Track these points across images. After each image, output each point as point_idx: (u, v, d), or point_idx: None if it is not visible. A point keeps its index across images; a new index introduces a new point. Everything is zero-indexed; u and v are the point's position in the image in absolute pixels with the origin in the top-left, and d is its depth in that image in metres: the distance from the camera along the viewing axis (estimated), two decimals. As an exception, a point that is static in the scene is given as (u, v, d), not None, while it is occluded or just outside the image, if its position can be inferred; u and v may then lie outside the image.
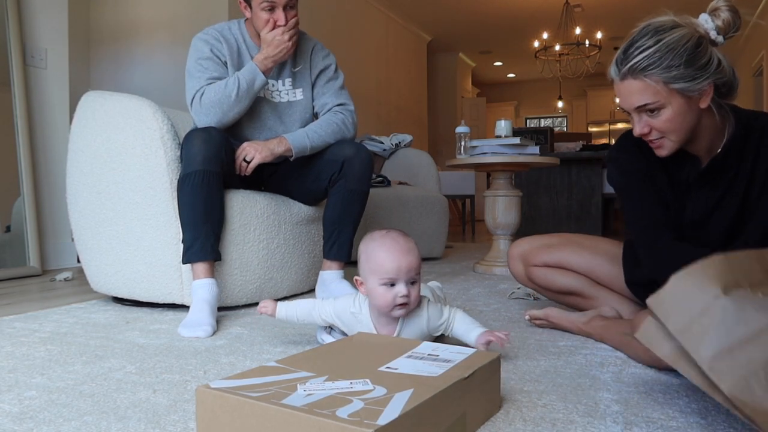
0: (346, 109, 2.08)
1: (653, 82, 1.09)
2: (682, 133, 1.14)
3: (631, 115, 1.17)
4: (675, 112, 1.11)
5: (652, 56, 1.09)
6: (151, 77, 4.35)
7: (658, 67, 1.08)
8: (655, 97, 1.10)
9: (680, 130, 1.14)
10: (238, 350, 1.40)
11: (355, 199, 2.00)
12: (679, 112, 1.11)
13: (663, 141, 1.16)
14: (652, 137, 1.16)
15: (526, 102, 12.14)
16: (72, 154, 2.01)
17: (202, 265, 1.74)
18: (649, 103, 1.11)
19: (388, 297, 1.22)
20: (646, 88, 1.10)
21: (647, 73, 1.09)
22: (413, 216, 3.33)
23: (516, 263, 1.74)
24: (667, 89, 1.09)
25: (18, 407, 1.02)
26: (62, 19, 3.16)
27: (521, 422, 0.94)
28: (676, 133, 1.14)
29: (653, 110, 1.12)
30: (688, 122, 1.13)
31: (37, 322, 1.72)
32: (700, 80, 1.09)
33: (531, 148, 2.78)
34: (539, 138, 5.56)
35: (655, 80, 1.09)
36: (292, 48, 1.93)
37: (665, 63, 1.08)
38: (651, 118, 1.13)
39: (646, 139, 1.17)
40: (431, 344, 1.07)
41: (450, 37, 8.46)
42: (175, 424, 0.94)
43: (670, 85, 1.09)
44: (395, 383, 0.84)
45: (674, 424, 0.94)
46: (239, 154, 1.90)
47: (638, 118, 1.15)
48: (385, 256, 1.22)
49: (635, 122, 1.16)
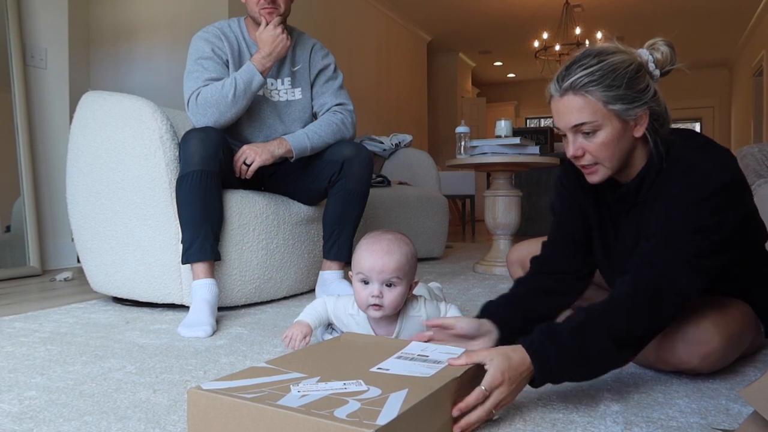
0: (345, 109, 2.08)
1: (594, 99, 1.07)
2: (614, 160, 1.11)
3: (565, 137, 1.14)
4: (610, 135, 1.09)
5: (594, 73, 1.07)
6: (151, 77, 4.35)
7: (600, 85, 1.06)
8: (593, 116, 1.08)
9: (613, 157, 1.11)
10: (238, 350, 1.40)
11: (354, 200, 2.00)
12: (614, 136, 1.09)
13: (596, 167, 1.13)
14: (584, 162, 1.13)
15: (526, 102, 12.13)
16: (72, 154, 2.01)
17: (202, 265, 1.74)
18: (586, 122, 1.08)
19: (363, 295, 1.24)
20: (585, 105, 1.08)
21: (588, 89, 1.07)
22: (413, 216, 3.33)
23: (515, 269, 1.74)
24: (606, 110, 1.07)
25: (18, 407, 1.02)
26: (62, 19, 3.16)
27: (521, 422, 0.94)
28: (609, 159, 1.11)
29: (589, 132, 1.09)
30: (621, 149, 1.11)
31: (37, 322, 1.72)
32: (638, 105, 1.08)
33: (531, 148, 2.78)
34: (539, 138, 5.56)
35: (596, 98, 1.07)
36: (289, 43, 1.93)
37: (607, 82, 1.06)
38: (586, 141, 1.10)
39: (578, 163, 1.14)
40: (420, 344, 1.07)
41: (450, 37, 8.46)
42: (175, 424, 0.94)
43: (609, 105, 1.07)
44: (389, 384, 0.84)
45: (674, 424, 0.94)
46: (239, 158, 1.90)
47: (573, 139, 1.12)
48: (363, 253, 1.24)
49: (570, 143, 1.13)
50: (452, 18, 7.61)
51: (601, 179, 1.14)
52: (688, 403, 1.03)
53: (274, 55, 1.92)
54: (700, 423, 0.94)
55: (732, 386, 1.12)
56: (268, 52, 1.90)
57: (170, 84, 4.12)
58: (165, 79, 4.24)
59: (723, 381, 1.15)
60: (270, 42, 1.90)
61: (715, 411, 0.99)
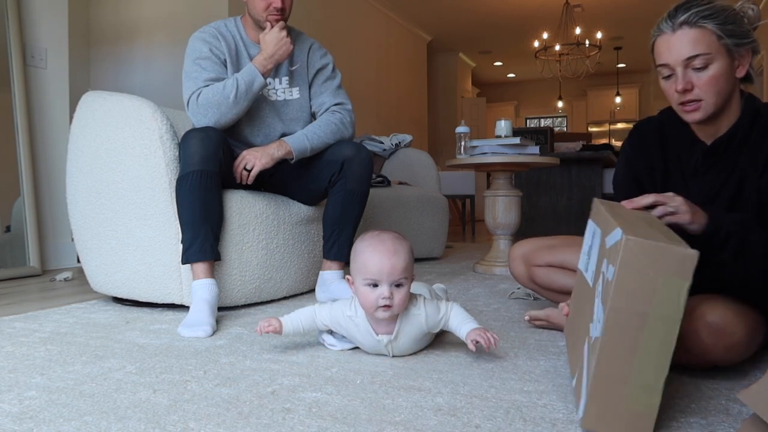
0: (344, 109, 2.08)
1: (709, 32, 1.14)
2: (719, 96, 1.18)
3: (673, 74, 1.19)
4: (720, 69, 1.16)
5: (709, 9, 1.15)
6: (151, 77, 4.35)
7: (715, 19, 1.14)
8: (708, 48, 1.14)
9: (718, 93, 1.17)
10: (238, 350, 1.40)
11: (354, 200, 2.00)
12: (723, 71, 1.16)
13: (700, 104, 1.18)
14: (691, 96, 1.18)
15: (526, 102, 12.13)
16: (72, 154, 2.01)
17: (202, 265, 1.74)
18: (700, 54, 1.15)
19: (371, 298, 1.23)
20: (701, 37, 1.14)
21: (704, 22, 1.14)
22: (413, 216, 3.33)
23: (518, 264, 1.74)
24: (718, 44, 1.15)
25: (18, 407, 1.02)
26: (62, 19, 3.16)
27: (521, 422, 0.94)
28: (715, 95, 1.17)
29: (700, 67, 1.16)
30: (726, 87, 1.18)
31: (37, 322, 1.72)
32: (746, 42, 1.17)
33: (531, 148, 2.78)
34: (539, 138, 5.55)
35: (710, 31, 1.14)
36: (291, 47, 1.93)
37: (721, 17, 1.15)
38: (696, 74, 1.16)
39: (685, 99, 1.19)
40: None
41: (450, 37, 8.46)
42: (175, 424, 0.94)
43: (722, 40, 1.15)
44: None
45: (674, 424, 0.94)
46: (239, 163, 1.90)
47: (683, 74, 1.17)
48: (369, 256, 1.23)
49: (679, 77, 1.17)
50: (452, 18, 7.61)
51: (702, 117, 1.19)
52: (688, 403, 1.03)
53: (276, 58, 1.92)
54: (700, 423, 0.94)
55: (732, 386, 1.12)
56: (271, 54, 1.91)
57: (170, 84, 4.12)
58: (165, 79, 4.24)
59: (723, 381, 1.15)
60: (274, 44, 1.90)
61: (715, 411, 0.99)
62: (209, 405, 1.03)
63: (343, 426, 0.93)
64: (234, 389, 1.11)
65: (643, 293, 0.85)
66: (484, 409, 1.00)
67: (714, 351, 1.11)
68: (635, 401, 0.86)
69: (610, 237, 0.93)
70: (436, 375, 1.20)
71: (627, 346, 0.86)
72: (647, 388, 0.86)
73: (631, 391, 0.86)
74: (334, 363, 1.29)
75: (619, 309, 0.85)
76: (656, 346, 0.85)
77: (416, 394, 1.09)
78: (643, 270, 0.85)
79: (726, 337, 1.10)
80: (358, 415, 0.98)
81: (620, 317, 0.86)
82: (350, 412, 0.99)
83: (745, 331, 1.11)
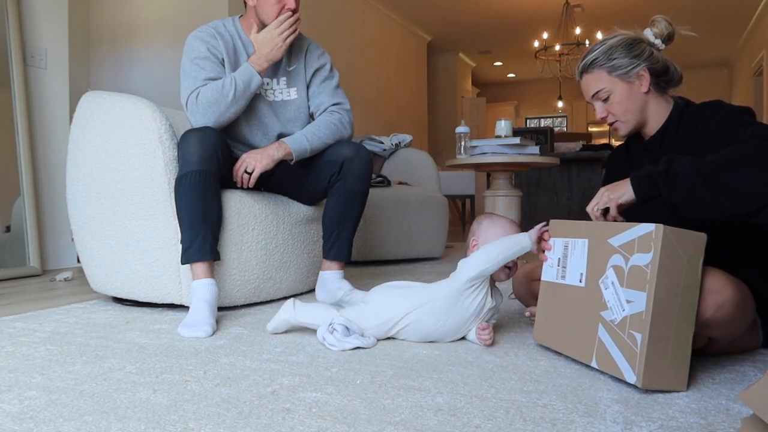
0: (343, 109, 2.08)
1: (600, 72, 1.42)
2: (630, 114, 1.42)
3: (594, 106, 1.47)
4: (620, 95, 1.41)
5: (597, 55, 1.42)
6: (151, 77, 4.35)
7: (600, 62, 1.41)
8: (603, 84, 1.42)
9: (629, 111, 1.42)
10: (238, 350, 1.40)
11: (354, 200, 2.00)
12: (624, 95, 1.41)
13: (618, 123, 1.45)
14: (609, 120, 1.45)
15: (526, 102, 12.13)
16: (72, 154, 2.01)
17: (201, 265, 1.74)
18: (599, 90, 1.43)
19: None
20: (596, 78, 1.43)
21: (594, 67, 1.43)
22: (413, 216, 3.33)
23: (520, 285, 1.76)
24: (610, 77, 1.41)
25: (18, 407, 1.02)
26: (62, 19, 3.16)
27: (521, 422, 0.94)
28: (625, 114, 1.42)
29: (605, 98, 1.43)
30: (635, 104, 1.42)
31: (37, 322, 1.72)
32: (633, 67, 1.39)
33: (531, 148, 2.78)
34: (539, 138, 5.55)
35: (601, 71, 1.42)
36: (285, 45, 1.93)
37: (605, 57, 1.41)
38: (606, 104, 1.44)
39: (606, 122, 1.46)
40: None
41: (450, 37, 8.46)
42: (175, 424, 0.94)
43: (613, 73, 1.40)
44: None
45: (674, 424, 0.94)
46: (239, 166, 1.90)
47: (598, 106, 1.46)
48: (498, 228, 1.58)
49: (596, 109, 1.46)
50: (452, 18, 7.61)
51: (626, 131, 1.46)
52: (688, 403, 1.03)
53: (270, 57, 1.92)
54: (700, 423, 0.94)
55: (732, 386, 1.12)
56: (264, 53, 1.91)
57: (170, 84, 4.12)
58: (165, 79, 4.24)
59: (723, 381, 1.15)
60: (266, 43, 1.91)
61: (715, 411, 0.99)
62: (209, 405, 1.03)
63: (343, 426, 0.93)
64: (234, 389, 1.11)
65: (675, 269, 1.08)
66: (484, 409, 1.00)
67: (705, 312, 1.11)
68: (675, 356, 1.08)
69: (623, 236, 1.15)
70: (436, 375, 1.20)
71: (669, 312, 1.08)
72: (683, 342, 1.09)
73: (673, 347, 1.08)
74: (334, 363, 1.29)
75: (661, 285, 1.07)
76: (686, 309, 1.09)
77: (416, 394, 1.09)
78: (675, 251, 1.07)
79: (714, 294, 1.11)
80: (358, 415, 0.98)
81: (663, 290, 1.07)
82: (350, 412, 0.99)
83: (733, 289, 1.12)
